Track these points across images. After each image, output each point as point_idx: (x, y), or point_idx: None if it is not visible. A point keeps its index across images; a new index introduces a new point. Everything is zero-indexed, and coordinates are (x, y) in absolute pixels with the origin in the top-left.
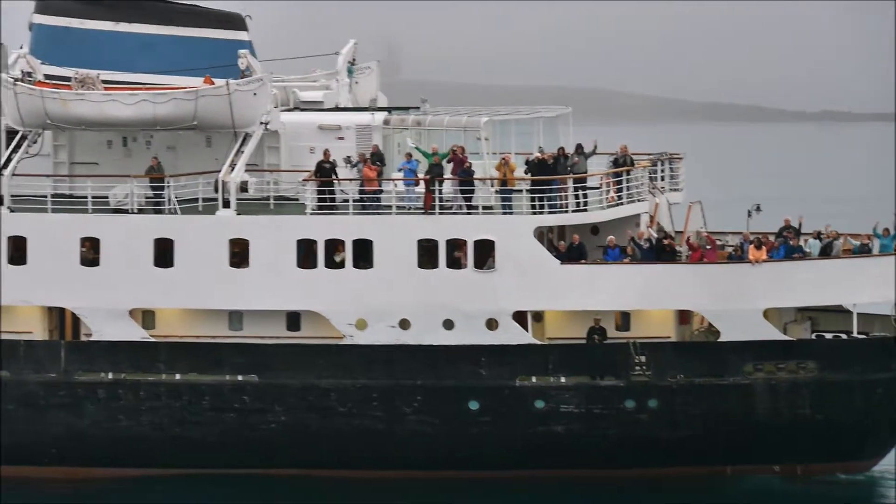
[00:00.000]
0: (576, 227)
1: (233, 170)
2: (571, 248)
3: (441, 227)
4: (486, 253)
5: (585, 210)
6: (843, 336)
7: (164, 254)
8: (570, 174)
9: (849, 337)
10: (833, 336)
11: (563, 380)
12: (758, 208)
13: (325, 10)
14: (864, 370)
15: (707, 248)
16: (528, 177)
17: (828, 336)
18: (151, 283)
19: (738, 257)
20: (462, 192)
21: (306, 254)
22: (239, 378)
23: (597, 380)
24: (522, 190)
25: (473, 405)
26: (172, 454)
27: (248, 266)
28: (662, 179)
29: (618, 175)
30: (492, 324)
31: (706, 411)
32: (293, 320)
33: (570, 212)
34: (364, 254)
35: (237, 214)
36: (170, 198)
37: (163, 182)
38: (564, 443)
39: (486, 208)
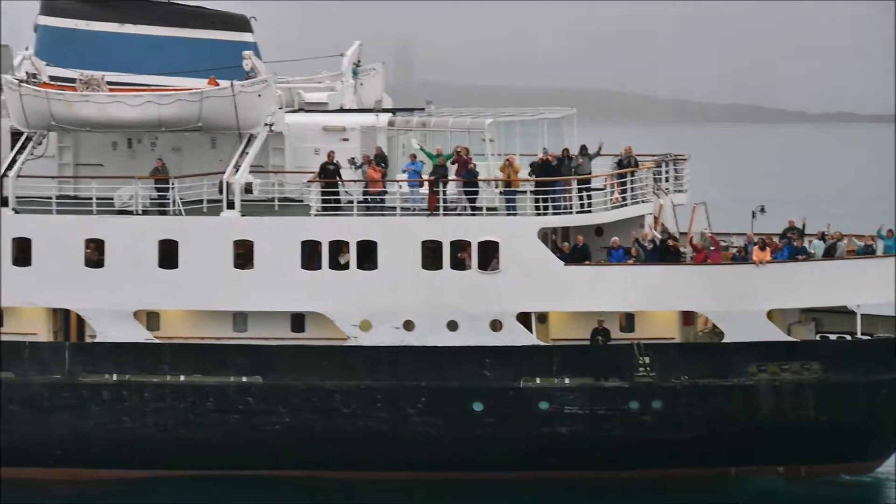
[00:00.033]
0: (580, 229)
1: (237, 171)
2: (575, 249)
3: (445, 229)
4: (490, 254)
5: (590, 211)
6: (848, 337)
7: (168, 255)
8: (575, 175)
9: (853, 338)
10: (837, 337)
11: (567, 381)
12: (762, 209)
13: (337, 11)
14: (868, 371)
15: (711, 248)
16: (533, 178)
17: (832, 337)
18: (156, 285)
19: (742, 258)
20: (466, 193)
21: (311, 255)
22: (243, 379)
23: (601, 381)
24: (526, 191)
25: (478, 406)
26: (177, 455)
27: (253, 267)
28: (667, 181)
29: (622, 176)
30: (496, 325)
31: (710, 412)
32: (297, 321)
33: (574, 213)
34: (368, 255)
35: (242, 216)
36: (174, 199)
37: (167, 183)
38: (569, 444)
39: (490, 209)
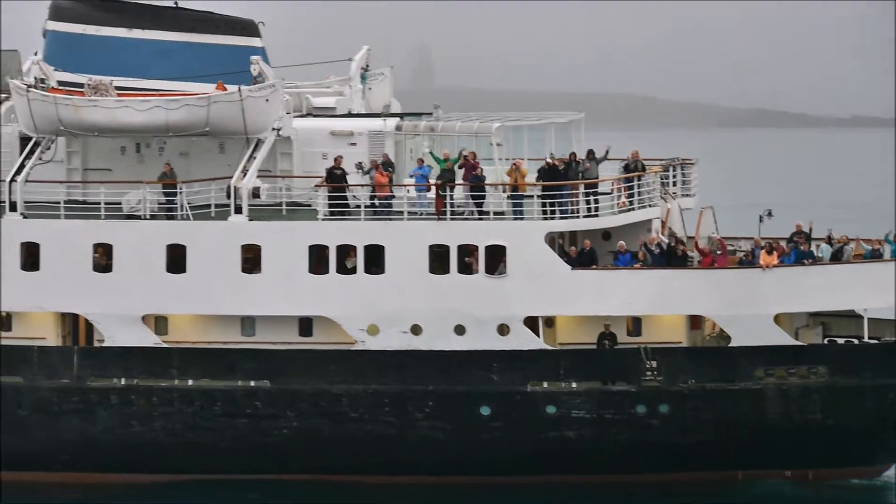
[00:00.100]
0: (587, 233)
1: (245, 176)
2: (582, 253)
3: (452, 233)
4: (497, 258)
5: (597, 215)
6: (855, 341)
7: (176, 260)
8: (582, 180)
9: (860, 342)
10: (845, 341)
11: (574, 385)
12: (769, 214)
13: (354, 15)
14: (875, 375)
15: (718, 252)
16: (540, 182)
17: (840, 341)
18: (164, 289)
19: (749, 262)
20: (473, 197)
21: (318, 259)
22: (251, 384)
23: (608, 385)
24: (534, 195)
25: (485, 410)
26: (185, 460)
27: (261, 272)
28: (674, 185)
29: (629, 180)
30: (503, 329)
31: (717, 416)
32: (305, 326)
33: (581, 217)
34: (376, 259)
35: (249, 220)
36: (182, 204)
37: (175, 188)
38: (576, 448)
39: (497, 214)
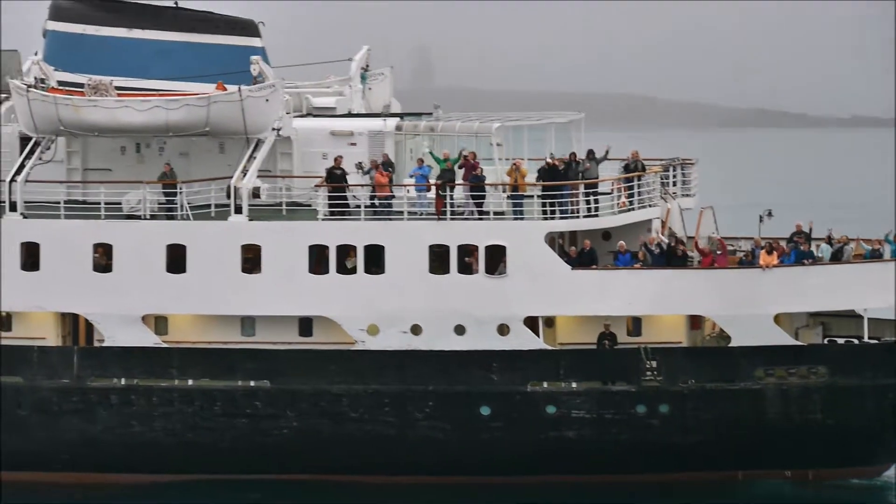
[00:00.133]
0: (587, 233)
1: (245, 176)
2: (582, 253)
3: (452, 233)
4: (497, 258)
5: (597, 215)
6: (855, 341)
7: (176, 260)
8: (582, 180)
9: (860, 342)
10: (845, 341)
11: (574, 385)
12: (769, 214)
13: (355, 15)
14: (875, 375)
15: (717, 252)
16: (540, 182)
17: (840, 341)
18: (164, 289)
19: (749, 262)
20: (473, 197)
21: (318, 259)
22: (251, 384)
23: (608, 385)
24: (534, 195)
25: (485, 410)
26: (185, 460)
27: (261, 272)
28: (674, 185)
29: (629, 180)
30: (503, 329)
31: (717, 416)
32: (305, 326)
33: (581, 217)
34: (376, 259)
35: (249, 220)
36: (182, 204)
37: (175, 188)
38: (576, 448)
39: (497, 214)
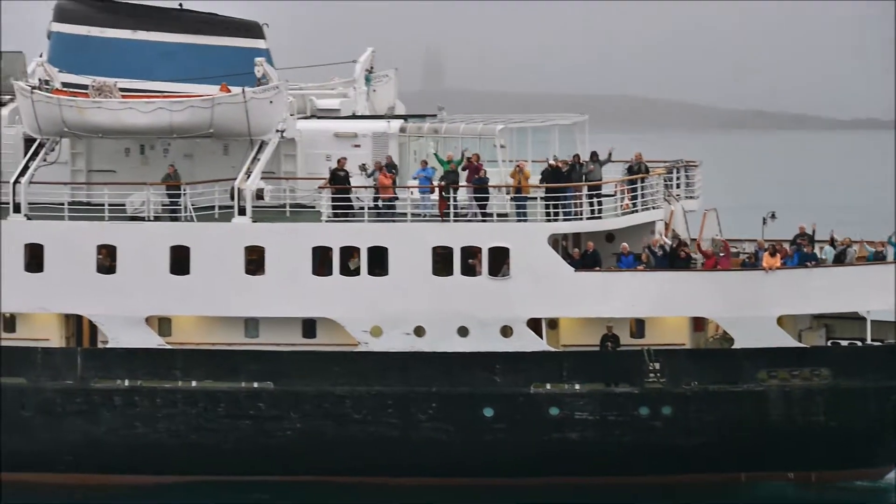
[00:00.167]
0: (590, 235)
1: (248, 177)
2: (585, 255)
3: (456, 235)
4: (500, 260)
5: (600, 217)
6: (859, 343)
7: (180, 261)
8: (585, 181)
9: (863, 344)
10: (848, 343)
11: (577, 387)
12: (773, 216)
13: (362, 17)
14: (878, 377)
15: (721, 254)
16: (543, 184)
17: (843, 343)
18: (167, 291)
19: (752, 264)
20: (476, 199)
21: (322, 261)
22: (255, 385)
23: (611, 387)
24: (537, 197)
25: (488, 412)
26: (188, 461)
27: (264, 273)
28: (678, 187)
29: (632, 182)
30: (506, 331)
31: (720, 418)
32: (309, 327)
33: (584, 219)
34: (379, 261)
35: (253, 222)
36: (186, 205)
37: (179, 190)
38: (579, 450)
39: (500, 216)
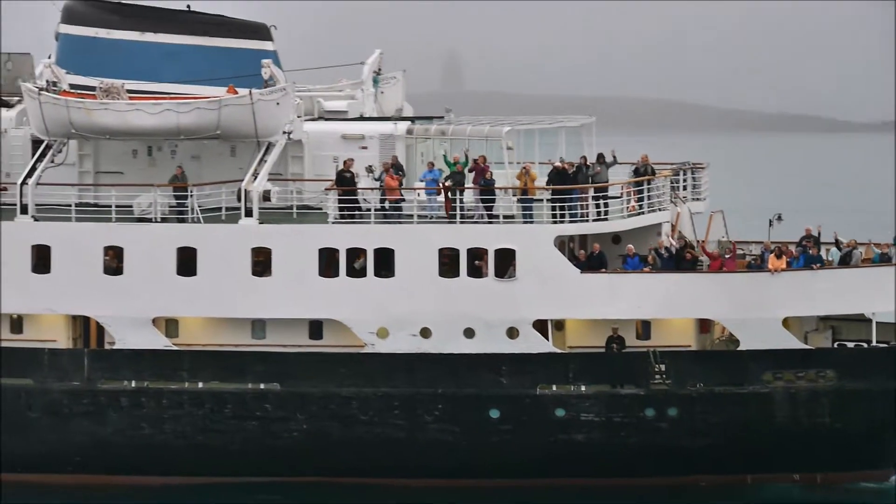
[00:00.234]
0: (596, 236)
1: (255, 179)
2: (591, 257)
3: (462, 236)
4: (506, 262)
5: (606, 219)
6: (865, 345)
7: (187, 262)
8: (591, 183)
9: (868, 346)
10: (854, 345)
11: (583, 388)
12: (779, 218)
13: (385, 18)
14: (884, 379)
15: (726, 256)
16: (549, 186)
17: (850, 345)
18: (174, 292)
19: (758, 266)
20: (483, 201)
21: (328, 262)
22: (261, 386)
23: (617, 388)
24: (543, 199)
25: (494, 413)
26: (195, 462)
27: (271, 275)
28: (685, 189)
29: (638, 184)
30: (512, 332)
31: (726, 420)
32: (315, 329)
33: (590, 221)
34: (385, 263)
35: (260, 223)
36: (193, 207)
37: (186, 191)
38: (585, 451)
39: (507, 217)
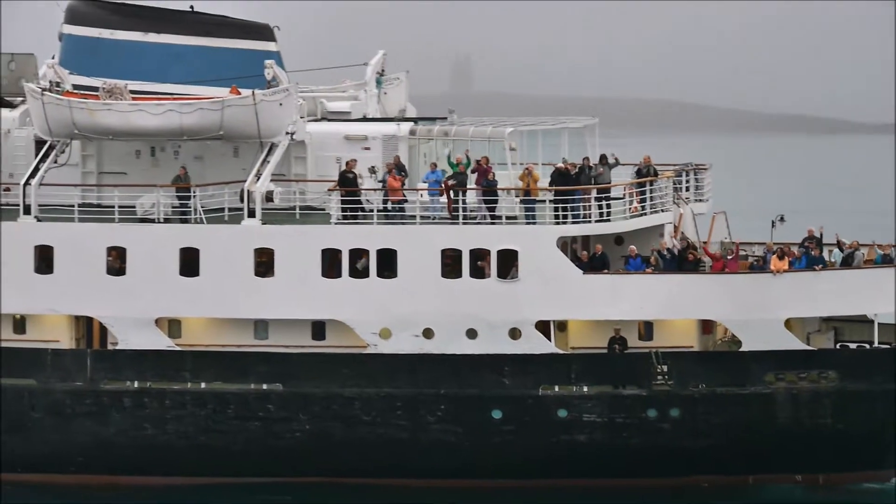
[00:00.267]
0: (599, 237)
1: (258, 179)
2: (594, 257)
3: (465, 237)
4: (509, 263)
5: (609, 220)
6: (867, 346)
7: (189, 263)
8: (594, 184)
9: (870, 347)
10: (857, 346)
11: (585, 389)
12: (781, 219)
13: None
14: (885, 380)
15: (728, 257)
16: (552, 187)
17: (852, 346)
18: (177, 292)
19: (760, 267)
20: (485, 202)
21: (331, 263)
22: (264, 387)
23: (619, 389)
24: (546, 200)
25: (496, 414)
26: (197, 462)
27: (274, 275)
28: (687, 190)
29: (641, 185)
30: (515, 333)
31: (728, 420)
32: (318, 329)
33: (593, 222)
34: (388, 263)
35: (262, 224)
36: (196, 207)
37: (189, 191)
38: (587, 452)
39: (509, 218)
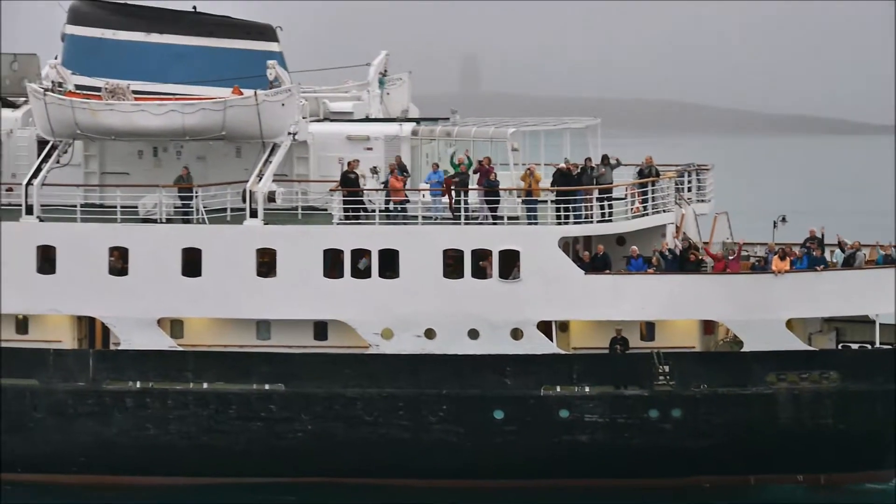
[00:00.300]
0: (601, 238)
1: (261, 180)
2: (596, 258)
3: (466, 238)
4: (511, 263)
5: (610, 221)
6: (868, 347)
7: (191, 263)
8: (596, 185)
9: (872, 347)
10: (859, 346)
11: (587, 389)
12: (783, 219)
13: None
14: (887, 380)
15: (730, 257)
16: (554, 187)
17: (854, 346)
18: (179, 293)
19: (762, 268)
20: (487, 202)
21: (333, 263)
22: (266, 387)
23: (621, 389)
24: (548, 200)
25: (498, 414)
26: (199, 463)
27: (276, 276)
28: (689, 190)
29: (643, 186)
30: (517, 333)
31: (729, 421)
32: (320, 329)
33: (595, 222)
34: (390, 263)
35: (265, 224)
36: (198, 208)
37: (191, 192)
38: (589, 452)
39: (511, 219)
